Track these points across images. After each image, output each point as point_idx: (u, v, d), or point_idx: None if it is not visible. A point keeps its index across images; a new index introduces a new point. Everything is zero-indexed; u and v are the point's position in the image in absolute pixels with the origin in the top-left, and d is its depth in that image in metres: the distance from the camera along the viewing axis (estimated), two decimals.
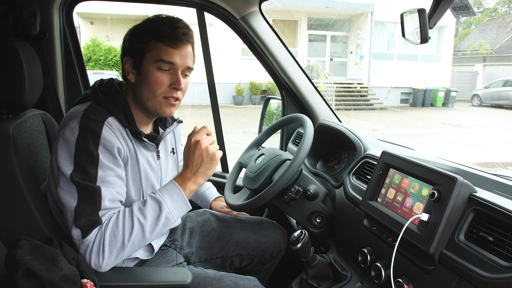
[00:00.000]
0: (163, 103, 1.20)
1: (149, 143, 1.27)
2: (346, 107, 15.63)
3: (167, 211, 1.13)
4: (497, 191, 1.16)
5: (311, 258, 1.34)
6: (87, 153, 1.08)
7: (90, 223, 1.08)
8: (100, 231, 1.08)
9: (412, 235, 1.04)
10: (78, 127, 1.10)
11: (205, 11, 1.96)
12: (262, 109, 2.44)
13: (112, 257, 1.08)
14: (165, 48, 1.16)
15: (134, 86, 1.22)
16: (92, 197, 1.08)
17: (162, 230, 1.14)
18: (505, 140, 10.13)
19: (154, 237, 1.14)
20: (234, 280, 1.26)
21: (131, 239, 1.09)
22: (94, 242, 1.07)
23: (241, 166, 1.69)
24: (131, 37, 1.21)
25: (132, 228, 1.09)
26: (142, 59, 1.17)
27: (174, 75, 1.18)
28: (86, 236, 1.07)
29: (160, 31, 1.16)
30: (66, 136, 1.10)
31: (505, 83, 17.90)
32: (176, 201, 1.16)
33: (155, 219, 1.12)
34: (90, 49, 14.38)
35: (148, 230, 1.11)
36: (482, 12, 40.38)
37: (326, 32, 17.95)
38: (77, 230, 1.07)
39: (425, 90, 17.43)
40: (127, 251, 1.10)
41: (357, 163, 1.50)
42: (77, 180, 1.07)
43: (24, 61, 1.26)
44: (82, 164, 1.08)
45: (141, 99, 1.21)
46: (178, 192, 1.17)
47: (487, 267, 0.88)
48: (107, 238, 1.08)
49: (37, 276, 0.78)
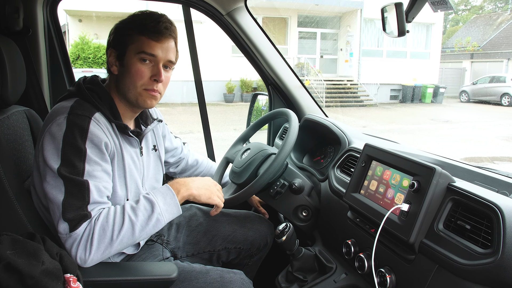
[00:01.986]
0: (143, 94, 1.22)
1: (134, 139, 1.28)
2: (336, 104, 15.69)
3: (159, 212, 1.14)
4: (477, 182, 1.19)
5: (296, 250, 1.36)
6: (75, 147, 1.09)
7: (79, 216, 1.07)
8: (89, 225, 1.08)
9: (393, 225, 1.05)
10: (65, 122, 1.10)
11: (191, 7, 1.96)
12: (250, 105, 2.45)
13: (99, 252, 1.08)
14: (147, 41, 1.19)
15: (117, 78, 1.24)
16: (80, 190, 1.08)
17: (151, 231, 1.14)
18: (492, 135, 10.27)
19: (143, 237, 1.14)
20: (220, 274, 1.27)
21: (120, 236, 1.09)
22: (83, 236, 1.07)
23: (228, 161, 1.69)
24: (116, 31, 1.25)
25: (122, 224, 1.09)
26: (125, 51, 1.20)
27: (155, 67, 1.21)
28: (74, 230, 1.06)
29: (144, 24, 1.19)
30: (53, 131, 1.10)
31: (491, 79, 18.14)
32: (169, 204, 1.17)
33: (146, 218, 1.13)
34: (79, 47, 14.22)
35: (138, 229, 1.11)
36: (469, 10, 40.83)
37: (316, 30, 17.99)
38: (65, 224, 1.07)
39: (414, 86, 17.58)
40: (115, 247, 1.10)
41: (341, 157, 1.52)
42: (64, 174, 1.07)
43: (6, 57, 1.25)
44: (70, 158, 1.08)
45: (123, 90, 1.23)
46: (171, 195, 1.19)
47: (465, 255, 0.90)
48: (97, 232, 1.07)
49: (17, 270, 0.78)
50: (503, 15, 26.40)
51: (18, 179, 1.19)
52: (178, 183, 1.24)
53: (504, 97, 17.09)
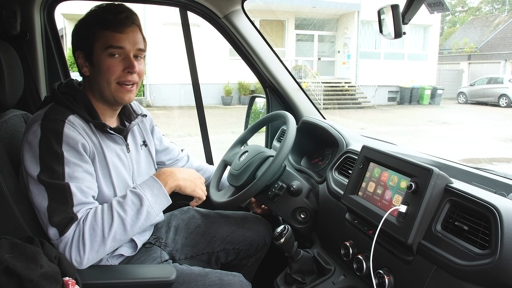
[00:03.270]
0: (118, 89, 1.22)
1: (117, 136, 1.28)
2: (334, 106, 15.72)
3: (148, 205, 1.15)
4: (475, 183, 1.19)
5: (294, 252, 1.36)
6: (51, 152, 1.10)
7: (65, 220, 1.08)
8: (78, 227, 1.09)
9: (391, 227, 1.06)
10: (39, 129, 1.11)
11: (188, 10, 1.96)
12: (248, 108, 2.46)
13: (93, 251, 1.08)
14: (111, 34, 1.18)
15: (90, 79, 1.24)
16: (62, 194, 1.09)
17: (144, 224, 1.15)
18: (490, 136, 10.30)
19: (136, 231, 1.15)
20: (219, 276, 1.27)
21: (111, 233, 1.09)
22: (73, 238, 1.08)
23: (226, 163, 1.69)
24: (78, 31, 1.24)
25: (112, 221, 1.10)
26: (92, 50, 1.19)
27: (126, 59, 1.20)
28: (63, 234, 1.07)
29: (103, 19, 1.18)
30: (29, 140, 1.11)
31: (489, 80, 18.20)
32: (157, 195, 1.18)
33: (135, 213, 1.13)
34: None
35: (128, 223, 1.12)
36: (467, 11, 41.00)
37: (314, 32, 18.03)
38: (53, 229, 1.08)
39: (412, 88, 17.63)
40: (109, 245, 1.10)
41: (339, 158, 1.52)
42: (44, 180, 1.08)
43: (3, 61, 1.25)
44: (48, 163, 1.09)
45: (98, 89, 1.23)
46: (158, 186, 1.20)
47: (463, 255, 0.90)
48: (87, 232, 1.08)
49: (16, 274, 0.78)
50: (500, 17, 26.53)
51: (16, 183, 1.19)
52: (165, 173, 1.25)
53: (502, 98, 17.15)
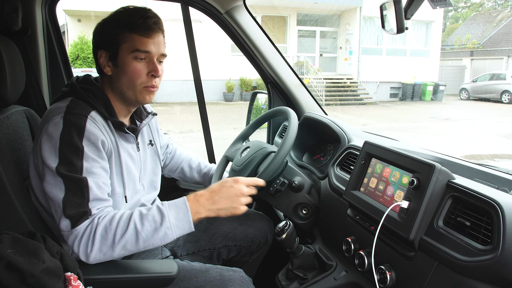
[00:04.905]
0: (143, 91, 1.24)
1: (130, 135, 1.29)
2: (336, 102, 15.69)
3: (168, 226, 1.11)
4: (477, 179, 1.19)
5: (296, 248, 1.36)
6: (72, 145, 1.09)
7: (80, 213, 1.08)
8: (91, 224, 1.08)
9: (393, 223, 1.06)
10: (62, 122, 1.11)
11: (190, 6, 1.96)
12: (249, 104, 2.45)
13: (101, 252, 1.08)
14: (139, 38, 1.19)
15: (111, 79, 1.24)
16: (79, 187, 1.09)
17: (158, 243, 1.12)
18: (492, 132, 10.27)
19: (149, 247, 1.12)
20: (219, 272, 1.27)
21: (122, 241, 1.08)
22: (84, 233, 1.08)
23: (228, 159, 1.69)
24: (103, 31, 1.24)
25: (125, 231, 1.09)
26: (117, 51, 1.20)
27: (151, 63, 1.22)
28: (75, 226, 1.07)
29: (132, 22, 1.19)
30: (50, 131, 1.10)
31: (492, 76, 18.13)
32: (181, 219, 1.13)
33: (153, 230, 1.10)
34: (78, 47, 14.20)
35: (142, 238, 1.10)
36: (469, 7, 40.77)
37: (316, 28, 17.97)
38: (66, 220, 1.07)
39: (414, 84, 17.57)
40: (117, 252, 1.09)
41: (341, 154, 1.52)
42: (63, 172, 1.08)
43: (5, 57, 1.25)
44: (67, 156, 1.09)
45: (120, 90, 1.24)
46: (185, 211, 1.15)
47: (465, 251, 0.90)
48: (99, 232, 1.08)
49: (18, 269, 0.78)
50: (503, 12, 26.38)
51: (18, 178, 1.19)
52: (199, 202, 1.18)
53: (504, 95, 17.08)
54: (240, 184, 1.22)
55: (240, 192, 1.21)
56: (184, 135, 8.73)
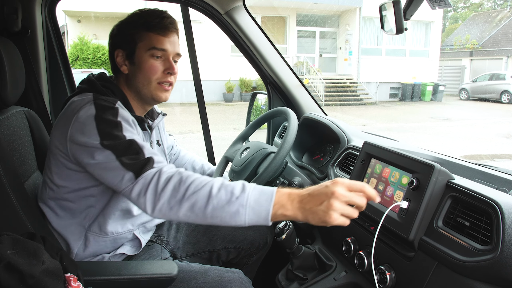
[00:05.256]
0: (158, 88, 1.27)
1: (146, 132, 1.32)
2: (336, 103, 15.69)
3: (243, 204, 0.95)
4: (477, 179, 1.19)
5: (296, 249, 1.36)
6: (109, 121, 1.09)
7: (143, 161, 1.03)
8: (159, 173, 1.01)
9: (392, 223, 1.06)
10: (93, 106, 1.11)
11: (189, 7, 1.96)
12: (249, 104, 2.45)
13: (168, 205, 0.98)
14: (156, 37, 1.24)
15: (128, 77, 1.28)
16: (132, 148, 1.06)
17: (226, 219, 0.97)
18: (492, 132, 10.27)
19: (216, 220, 0.98)
20: (218, 273, 1.27)
21: (192, 199, 0.97)
22: (152, 180, 1.00)
23: (227, 160, 1.70)
24: (120, 31, 1.28)
25: (199, 189, 0.98)
26: (134, 49, 1.24)
27: (166, 61, 1.26)
28: (141, 174, 1.01)
29: (149, 22, 1.24)
30: (82, 117, 1.09)
31: (491, 77, 18.13)
32: (260, 205, 0.95)
33: (226, 200, 0.96)
34: (78, 48, 14.21)
35: (212, 204, 0.96)
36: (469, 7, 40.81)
37: (315, 28, 17.98)
38: (129, 173, 1.01)
39: (413, 84, 17.58)
40: (183, 210, 0.97)
41: (340, 155, 1.52)
42: (108, 144, 1.05)
43: (5, 58, 1.26)
44: (107, 131, 1.07)
45: (136, 87, 1.27)
46: (268, 199, 0.96)
47: (464, 251, 0.90)
48: (172, 182, 0.99)
49: (18, 270, 0.78)
50: (502, 13, 26.40)
51: (19, 180, 1.19)
52: (290, 196, 0.96)
53: (504, 95, 17.08)
54: (338, 185, 0.92)
55: (334, 194, 0.91)
56: (184, 136, 8.74)
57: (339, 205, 0.91)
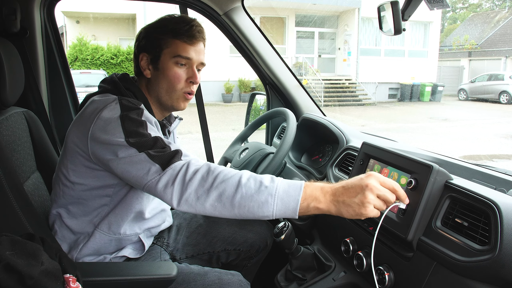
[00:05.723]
0: (181, 97, 1.27)
1: (166, 137, 1.30)
2: (335, 103, 15.71)
3: (272, 193, 0.94)
4: (475, 179, 1.19)
5: (295, 249, 1.36)
6: (135, 121, 1.09)
7: (171, 154, 1.02)
8: (188, 164, 1.00)
9: (391, 223, 1.06)
10: (118, 106, 1.12)
11: (188, 8, 1.96)
12: (248, 105, 2.46)
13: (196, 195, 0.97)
14: (182, 45, 1.23)
15: (150, 82, 1.28)
16: (157, 143, 1.05)
17: (254, 209, 0.95)
18: (491, 133, 10.29)
19: (244, 211, 0.96)
20: (218, 276, 1.26)
21: (220, 187, 0.96)
22: (180, 170, 0.99)
23: (226, 160, 1.70)
24: (147, 35, 1.27)
25: (228, 178, 0.97)
26: (159, 55, 1.24)
27: (190, 70, 1.26)
28: (169, 165, 1.00)
29: (177, 29, 1.23)
30: (106, 116, 1.09)
31: (490, 77, 18.16)
32: (289, 195, 0.95)
33: (256, 189, 0.95)
34: (76, 49, 14.21)
35: (241, 193, 0.95)
36: (467, 8, 40.89)
37: (314, 29, 18.00)
38: (156, 166, 1.00)
39: (412, 85, 17.61)
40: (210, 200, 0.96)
41: (339, 155, 1.52)
42: (133, 142, 1.04)
43: (4, 58, 1.26)
44: (133, 129, 1.07)
45: (158, 94, 1.27)
46: (297, 190, 0.96)
47: (462, 251, 0.90)
48: (200, 172, 0.98)
49: (17, 270, 0.78)
50: (501, 13, 26.45)
51: (18, 180, 1.19)
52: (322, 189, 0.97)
53: (503, 95, 17.11)
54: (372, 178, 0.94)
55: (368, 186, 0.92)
56: (183, 136, 8.73)
57: (373, 197, 0.92)
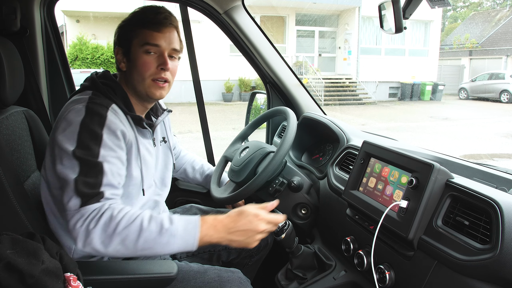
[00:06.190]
0: (152, 85, 1.26)
1: (147, 131, 1.32)
2: (335, 102, 15.70)
3: (173, 234, 1.06)
4: (476, 178, 1.19)
5: (295, 248, 1.36)
6: (92, 132, 1.10)
7: (92, 193, 1.07)
8: (100, 208, 1.06)
9: (392, 222, 1.06)
10: (84, 109, 1.13)
11: (188, 6, 1.96)
12: (248, 104, 2.45)
13: (99, 240, 1.04)
14: (149, 33, 1.23)
15: (126, 74, 1.28)
16: (95, 171, 1.08)
17: (157, 249, 1.06)
18: (491, 132, 10.28)
19: (147, 251, 1.06)
20: (217, 273, 1.27)
21: (123, 234, 1.04)
22: (90, 214, 1.05)
23: (227, 159, 1.69)
24: (120, 29, 1.29)
25: (130, 223, 1.05)
26: (130, 46, 1.25)
27: (161, 57, 1.25)
28: (85, 205, 1.05)
29: (144, 18, 1.25)
30: (70, 118, 1.12)
31: (490, 76, 18.14)
32: (188, 233, 1.08)
33: (157, 232, 1.06)
34: (76, 48, 14.20)
35: (143, 237, 1.05)
36: (468, 7, 40.83)
37: (314, 28, 17.98)
38: (77, 199, 1.05)
39: (413, 84, 17.59)
40: (113, 245, 1.04)
41: (340, 154, 1.52)
42: (79, 156, 1.07)
43: (4, 58, 1.25)
44: (85, 141, 1.09)
45: (133, 84, 1.27)
46: (194, 226, 1.09)
47: (463, 250, 0.90)
48: (104, 218, 1.04)
49: (18, 269, 0.78)
50: (502, 12, 26.41)
51: (18, 179, 1.19)
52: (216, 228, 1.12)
53: (503, 94, 17.10)
54: (261, 221, 1.14)
55: (258, 229, 1.14)
56: (183, 135, 8.74)
57: (260, 236, 1.15)
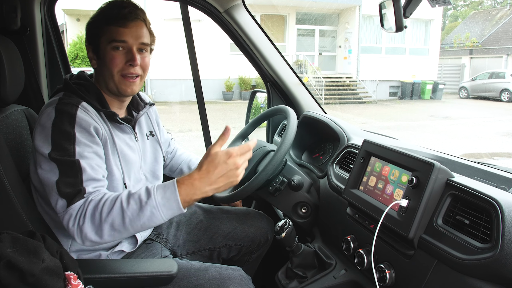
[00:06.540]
0: (122, 81, 1.26)
1: (125, 126, 1.32)
2: (335, 101, 15.69)
3: (153, 205, 1.06)
4: (476, 177, 1.19)
5: (296, 247, 1.36)
6: (64, 132, 1.13)
7: (74, 192, 1.10)
8: (84, 204, 1.09)
9: (392, 221, 1.06)
10: (53, 111, 1.15)
11: (188, 5, 1.96)
12: (249, 103, 2.45)
13: (92, 232, 1.07)
14: (115, 29, 1.23)
15: (98, 71, 1.29)
16: (73, 169, 1.11)
17: (146, 224, 1.08)
18: (492, 131, 10.28)
19: (139, 228, 1.08)
20: (218, 271, 1.27)
21: (108, 220, 1.06)
22: (78, 212, 1.08)
23: None
24: (88, 27, 1.30)
25: (111, 209, 1.07)
26: (99, 43, 1.25)
27: (129, 53, 1.25)
28: (70, 205, 1.08)
29: (108, 14, 1.24)
30: (43, 121, 1.15)
31: (491, 75, 18.13)
32: (168, 199, 1.07)
33: (138, 208, 1.06)
34: (77, 46, 14.18)
35: (128, 217, 1.06)
36: (468, 6, 40.77)
37: (315, 27, 17.96)
38: (63, 200, 1.09)
39: (413, 83, 17.58)
40: (107, 232, 1.07)
41: (340, 153, 1.52)
42: (55, 157, 1.10)
43: (4, 56, 1.25)
44: (60, 143, 1.12)
45: (104, 81, 1.28)
46: (172, 190, 1.08)
47: (464, 249, 0.90)
48: (89, 211, 1.07)
49: (18, 268, 0.79)
50: (502, 11, 26.38)
51: (18, 178, 1.19)
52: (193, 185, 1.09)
53: (504, 93, 17.08)
54: (234, 158, 1.11)
55: (236, 166, 1.11)
56: (184, 134, 8.73)
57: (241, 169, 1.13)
